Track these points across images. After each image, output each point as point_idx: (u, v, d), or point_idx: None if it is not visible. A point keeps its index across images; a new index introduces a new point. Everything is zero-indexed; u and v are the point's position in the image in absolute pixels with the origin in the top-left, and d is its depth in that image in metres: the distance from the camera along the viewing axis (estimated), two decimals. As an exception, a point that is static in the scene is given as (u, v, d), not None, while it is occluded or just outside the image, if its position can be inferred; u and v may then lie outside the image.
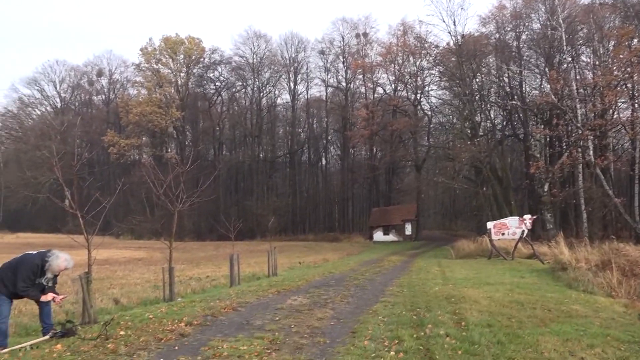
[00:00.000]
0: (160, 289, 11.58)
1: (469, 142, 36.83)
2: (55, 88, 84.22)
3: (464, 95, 39.40)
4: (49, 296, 6.36)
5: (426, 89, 56.88)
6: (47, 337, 6.19)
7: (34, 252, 6.41)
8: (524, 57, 41.62)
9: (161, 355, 5.31)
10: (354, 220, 73.26)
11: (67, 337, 6.09)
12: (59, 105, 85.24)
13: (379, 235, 54.85)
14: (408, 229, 54.37)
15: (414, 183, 57.49)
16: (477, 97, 42.57)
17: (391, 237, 53.90)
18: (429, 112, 58.69)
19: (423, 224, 62.23)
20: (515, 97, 41.56)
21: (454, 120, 51.58)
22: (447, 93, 49.90)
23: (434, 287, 11.23)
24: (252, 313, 8.07)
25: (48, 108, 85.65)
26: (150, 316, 7.50)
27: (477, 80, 43.28)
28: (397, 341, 5.76)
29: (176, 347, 5.68)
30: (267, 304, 9.14)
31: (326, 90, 72.59)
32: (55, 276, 6.52)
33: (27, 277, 6.11)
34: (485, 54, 42.34)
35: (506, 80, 43.07)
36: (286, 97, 74.58)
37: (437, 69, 48.78)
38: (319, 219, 70.98)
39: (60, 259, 6.29)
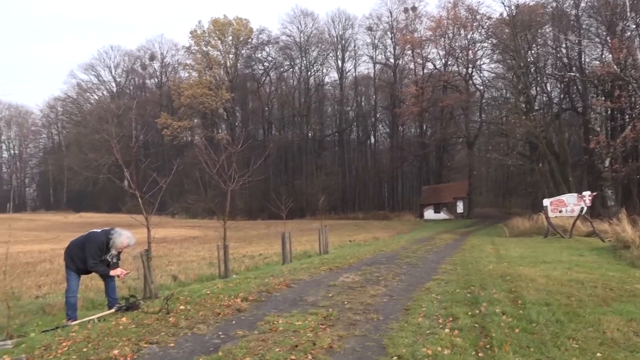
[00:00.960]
0: (215, 266, 11.95)
1: (523, 117, 35.43)
2: (111, 73, 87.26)
3: (519, 68, 37.85)
4: (117, 271, 6.69)
5: (478, 62, 54.79)
6: (112, 310, 6.53)
7: (99, 230, 6.73)
8: (584, 26, 39.39)
9: (220, 329, 5.48)
10: (404, 199, 72.67)
11: (131, 311, 6.39)
12: (114, 89, 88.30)
13: (429, 214, 54.27)
14: (460, 207, 53.48)
15: (466, 160, 56.27)
16: (532, 70, 40.85)
17: (442, 215, 53.21)
18: (481, 87, 56.63)
19: (475, 202, 60.98)
20: (574, 68, 39.57)
21: (508, 95, 49.70)
22: (501, 66, 48.09)
23: (488, 265, 11.02)
24: (305, 290, 8.20)
25: (105, 92, 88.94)
26: (208, 292, 7.75)
27: (533, 51, 41.44)
28: (451, 319, 5.71)
29: (233, 322, 5.85)
30: (320, 281, 9.25)
31: (374, 67, 71.72)
32: (119, 253, 6.84)
33: (95, 254, 6.44)
34: (541, 24, 40.36)
35: (564, 51, 40.98)
36: (334, 75, 74.24)
37: (489, 42, 46.94)
38: (369, 198, 70.80)
39: (123, 237, 6.59)
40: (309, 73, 72.22)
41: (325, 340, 4.79)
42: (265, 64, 74.68)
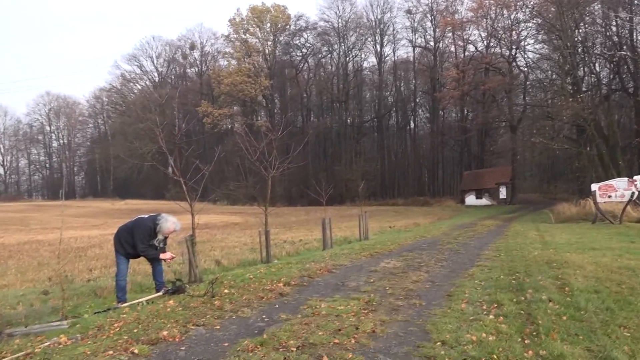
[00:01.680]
0: (257, 251, 12.13)
1: (570, 99, 34.14)
2: (153, 63, 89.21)
3: (565, 48, 36.42)
4: (167, 255, 6.90)
5: (522, 43, 52.67)
6: (160, 293, 6.74)
7: (146, 216, 6.94)
8: (635, 2, 37.54)
9: (263, 312, 5.58)
10: (445, 184, 71.69)
11: (177, 294, 6.58)
12: (156, 79, 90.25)
13: (471, 199, 53.34)
14: (502, 193, 52.31)
15: (509, 144, 54.74)
16: (579, 50, 39.22)
17: (484, 201, 52.22)
18: (525, 69, 54.67)
19: (519, 187, 59.49)
20: (625, 47, 37.80)
21: (554, 76, 47.90)
22: (546, 47, 46.29)
23: (533, 252, 10.78)
24: (347, 275, 8.23)
25: (147, 82, 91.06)
26: (251, 276, 7.89)
27: (580, 30, 39.72)
28: (496, 305, 5.62)
29: (277, 306, 5.94)
30: (361, 266, 9.27)
31: (414, 51, 70.51)
32: (165, 238, 7.03)
33: (144, 239, 6.65)
34: (589, 1, 38.61)
35: (614, 29, 39.14)
36: (372, 60, 73.49)
37: (534, 21, 45.19)
38: (408, 183, 70.17)
39: (169, 222, 6.77)
40: (347, 58, 71.72)
41: (367, 324, 4.81)
42: (303, 50, 74.68)
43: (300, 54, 75.10)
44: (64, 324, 5.26)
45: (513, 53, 54.01)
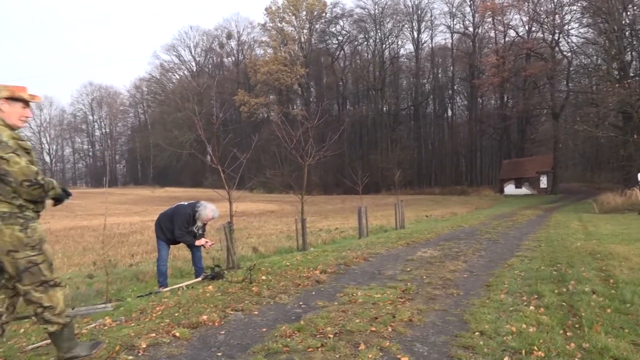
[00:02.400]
0: (293, 239, 12.25)
1: (616, 85, 32.87)
2: (191, 53, 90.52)
3: (612, 32, 35.02)
4: (202, 241, 7.04)
5: (566, 27, 50.80)
6: (199, 279, 6.89)
7: (186, 203, 7.09)
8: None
9: (300, 299, 5.63)
10: (483, 173, 70.47)
11: (216, 280, 6.71)
12: (194, 69, 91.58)
13: (510, 189, 52.29)
14: (543, 182, 51.05)
15: (551, 132, 53.20)
16: (627, 33, 37.65)
17: (524, 190, 51.10)
18: (569, 54, 52.72)
19: (560, 177, 57.86)
20: (676, 30, 36.11)
21: (599, 61, 46.20)
22: (591, 30, 44.64)
23: (576, 243, 10.49)
24: (383, 263, 8.21)
25: (185, 72, 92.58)
26: (287, 264, 7.96)
27: (628, 13, 38.08)
28: (536, 296, 5.50)
29: (313, 293, 5.99)
30: (397, 255, 9.23)
31: (452, 37, 69.18)
32: (204, 225, 7.17)
33: (182, 225, 6.80)
34: (637, -18, 37.02)
35: (664, 11, 37.42)
36: (409, 47, 72.46)
37: (579, 4, 43.57)
38: (445, 172, 69.24)
39: (208, 209, 6.89)
40: (384, 46, 70.97)
41: (404, 313, 4.79)
42: (339, 38, 74.28)
43: (336, 42, 74.80)
44: (108, 307, 5.45)
45: (556, 38, 52.21)
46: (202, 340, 4.10)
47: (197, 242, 7.01)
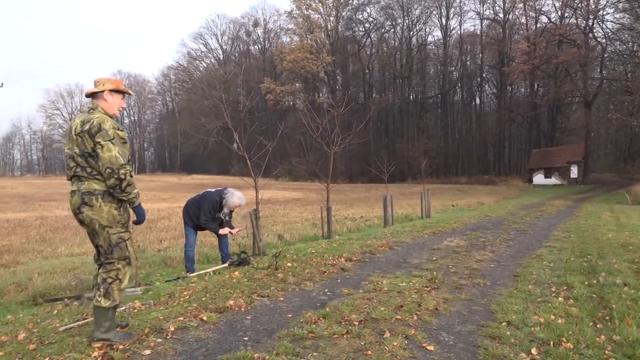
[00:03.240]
0: (318, 227, 12.28)
1: (653, 72, 31.89)
2: (218, 41, 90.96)
3: (649, 17, 33.88)
4: (225, 230, 7.13)
5: (600, 13, 49.30)
6: (226, 265, 6.98)
7: (213, 190, 7.17)
8: None
9: (325, 286, 5.66)
10: (511, 163, 69.33)
11: (242, 266, 6.79)
12: (221, 57, 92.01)
13: (539, 178, 51.33)
14: (574, 172, 49.94)
15: (583, 121, 51.90)
16: (665, 19, 36.38)
17: (554, 180, 50.09)
18: (603, 40, 51.09)
19: (592, 166, 56.48)
20: None
21: (635, 48, 44.81)
22: (627, 16, 43.26)
23: (607, 234, 10.26)
24: (409, 252, 8.18)
25: (212, 60, 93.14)
26: (313, 251, 8.00)
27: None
28: (565, 287, 5.42)
29: (338, 280, 6.01)
30: (423, 244, 9.18)
31: (481, 23, 67.83)
32: (231, 212, 7.24)
33: (208, 212, 6.89)
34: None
35: None
36: (437, 34, 71.36)
37: (615, -12, 42.30)
38: (473, 161, 68.36)
39: (235, 197, 6.96)
40: (411, 33, 70.07)
41: (430, 302, 4.78)
42: (366, 25, 73.60)
43: (363, 29, 74.10)
44: (137, 291, 5.58)
45: (590, 23, 50.59)
46: (229, 324, 4.16)
47: (221, 231, 7.09)
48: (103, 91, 3.75)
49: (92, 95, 3.78)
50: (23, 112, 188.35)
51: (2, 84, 48.33)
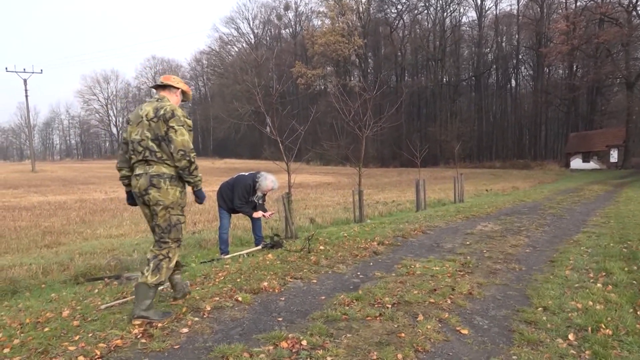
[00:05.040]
0: (350, 211, 12.29)
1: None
2: (249, 25, 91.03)
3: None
4: (259, 213, 7.20)
5: (645, -11, 47.37)
6: (259, 247, 7.08)
7: (247, 174, 7.24)
8: None
9: (358, 269, 5.68)
10: (547, 147, 67.62)
11: (275, 249, 6.87)
12: (252, 41, 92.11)
13: (577, 163, 49.97)
14: (613, 156, 48.39)
15: (624, 103, 50.04)
16: None
17: (592, 164, 48.69)
18: (647, 19, 49.13)
19: (633, 151, 54.51)
20: None
21: (682, 26, 42.77)
22: (674, -8, 41.24)
23: (648, 220, 9.96)
24: (442, 236, 8.12)
25: (244, 44, 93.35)
26: (345, 234, 8.03)
27: None
28: (604, 273, 5.30)
29: (371, 264, 6.02)
30: (456, 228, 9.09)
31: (518, 3, 65.59)
32: (264, 195, 7.31)
33: (242, 195, 6.97)
34: None
35: None
36: (472, 14, 69.98)
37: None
38: (507, 145, 66.90)
39: (268, 180, 7.02)
40: (445, 14, 68.53)
41: (464, 286, 4.75)
42: (398, 6, 72.30)
43: (395, 11, 72.88)
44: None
45: (634, 0, 48.50)
46: (263, 305, 4.23)
47: (255, 215, 7.17)
48: (178, 88, 4.13)
49: (163, 87, 4.08)
50: (61, 97, 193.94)
51: (41, 70, 49.56)
